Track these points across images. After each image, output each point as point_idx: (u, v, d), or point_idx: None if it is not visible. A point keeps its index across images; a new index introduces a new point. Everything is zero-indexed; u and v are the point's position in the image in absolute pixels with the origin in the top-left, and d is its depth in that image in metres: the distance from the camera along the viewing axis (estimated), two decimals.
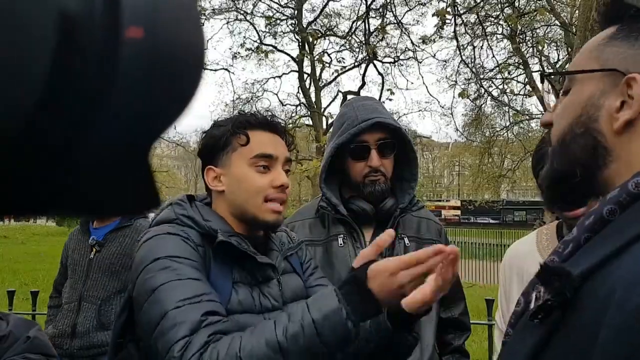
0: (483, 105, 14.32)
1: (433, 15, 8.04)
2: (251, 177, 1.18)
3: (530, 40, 12.30)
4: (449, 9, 7.51)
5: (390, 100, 14.74)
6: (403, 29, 11.64)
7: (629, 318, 0.45)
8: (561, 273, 0.56)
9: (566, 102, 0.69)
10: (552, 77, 0.74)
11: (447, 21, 7.44)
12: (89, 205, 0.31)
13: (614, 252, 0.53)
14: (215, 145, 1.21)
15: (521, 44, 11.61)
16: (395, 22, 10.91)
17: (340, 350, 0.98)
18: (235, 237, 1.15)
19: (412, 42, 12.03)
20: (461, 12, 8.24)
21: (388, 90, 12.59)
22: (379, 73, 13.80)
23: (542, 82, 0.75)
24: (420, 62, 13.41)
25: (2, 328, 1.34)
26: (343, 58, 15.07)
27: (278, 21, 14.26)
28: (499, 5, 9.32)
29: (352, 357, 1.09)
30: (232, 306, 1.10)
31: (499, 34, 11.63)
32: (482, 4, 8.76)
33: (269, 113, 1.25)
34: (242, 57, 14.72)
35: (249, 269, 1.16)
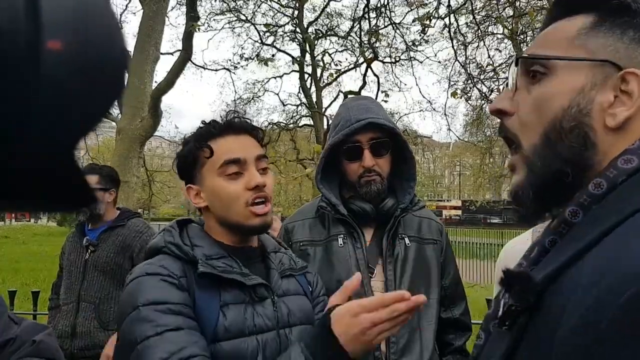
0: (484, 105, 14.30)
1: (413, 21, 8.06)
2: (223, 186, 1.17)
3: (532, 40, 12.29)
4: (434, 13, 7.52)
5: (386, 102, 14.75)
6: (398, 31, 11.62)
7: (581, 319, 0.45)
8: (523, 277, 0.54)
9: (544, 93, 0.63)
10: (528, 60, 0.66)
11: (431, 26, 7.46)
12: (17, 202, 0.35)
13: (576, 255, 0.51)
14: (186, 163, 1.22)
15: (522, 44, 11.60)
16: (391, 23, 10.89)
17: None
18: (223, 260, 1.15)
19: (406, 43, 12.02)
20: (457, 15, 8.24)
21: (383, 92, 12.57)
22: (375, 75, 13.77)
23: (516, 65, 0.67)
24: (422, 62, 13.39)
25: (11, 331, 1.33)
26: (339, 61, 15.05)
27: (277, 28, 14.27)
28: (499, 6, 9.30)
29: None
30: (219, 332, 1.08)
31: (500, 34, 11.62)
32: (479, 5, 8.76)
33: (235, 114, 1.23)
34: (242, 67, 14.88)
35: (240, 288, 1.14)
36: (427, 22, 7.05)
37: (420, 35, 8.28)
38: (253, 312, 1.12)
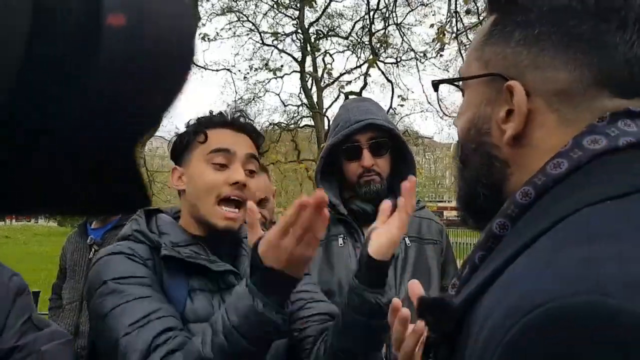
0: None
1: (433, 40, 8.05)
2: (206, 173, 1.15)
3: None
4: (447, 27, 7.52)
5: (402, 106, 14.71)
6: (401, 31, 11.67)
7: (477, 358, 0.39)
8: (438, 305, 0.50)
9: (459, 111, 0.60)
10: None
11: (446, 41, 7.45)
12: (71, 204, 0.30)
13: (492, 276, 0.45)
14: (180, 145, 1.22)
15: None
16: (394, 23, 10.92)
17: (274, 337, 0.96)
18: (190, 247, 1.14)
19: (413, 50, 12.08)
20: (465, 25, 8.23)
21: (399, 97, 12.53)
22: (388, 80, 13.74)
23: (435, 90, 0.65)
24: (422, 63, 13.38)
25: (26, 338, 1.20)
26: (352, 68, 15.22)
27: (284, 36, 14.36)
28: None
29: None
30: (187, 315, 1.08)
31: None
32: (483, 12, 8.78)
33: (240, 111, 1.22)
34: (250, 75, 14.97)
35: (208, 276, 1.13)
36: (442, 36, 7.06)
37: (430, 45, 8.38)
38: (220, 300, 1.12)
